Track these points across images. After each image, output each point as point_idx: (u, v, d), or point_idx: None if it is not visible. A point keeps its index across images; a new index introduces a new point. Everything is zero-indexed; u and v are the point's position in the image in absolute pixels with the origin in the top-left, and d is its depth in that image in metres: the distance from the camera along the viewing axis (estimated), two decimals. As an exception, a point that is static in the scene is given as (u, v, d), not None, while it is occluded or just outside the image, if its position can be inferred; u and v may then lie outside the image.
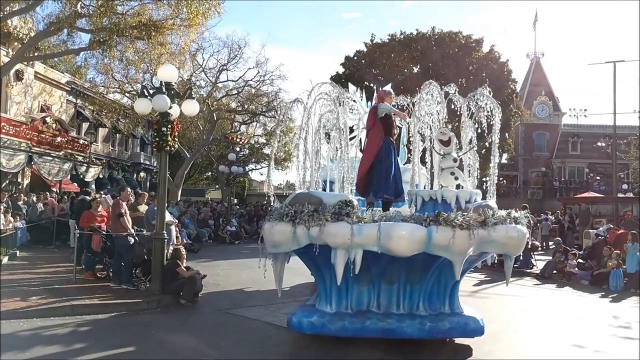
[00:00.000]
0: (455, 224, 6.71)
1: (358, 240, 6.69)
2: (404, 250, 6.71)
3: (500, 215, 7.18)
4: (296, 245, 7.05)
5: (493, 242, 7.01)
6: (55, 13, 18.73)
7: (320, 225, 6.78)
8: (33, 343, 7.17)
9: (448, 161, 8.27)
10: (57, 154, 26.52)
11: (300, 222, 6.92)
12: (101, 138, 35.02)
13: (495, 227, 6.95)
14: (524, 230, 7.31)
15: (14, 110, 24.40)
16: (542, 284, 14.62)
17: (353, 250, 6.73)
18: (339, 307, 7.47)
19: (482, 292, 12.91)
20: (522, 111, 42.95)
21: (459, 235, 6.69)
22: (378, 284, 7.42)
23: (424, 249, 6.76)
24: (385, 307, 7.47)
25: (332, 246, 6.82)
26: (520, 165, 54.31)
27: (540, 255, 18.63)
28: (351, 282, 7.32)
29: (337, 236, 6.73)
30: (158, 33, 17.76)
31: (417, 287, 7.41)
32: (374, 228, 6.71)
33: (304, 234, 6.91)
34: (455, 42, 36.91)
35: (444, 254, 6.79)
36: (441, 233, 6.70)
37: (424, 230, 6.73)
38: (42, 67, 27.03)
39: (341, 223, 6.77)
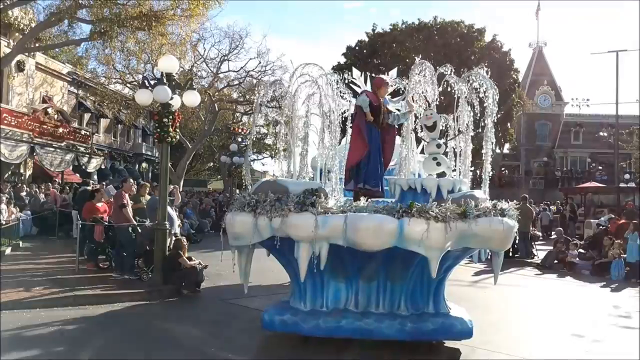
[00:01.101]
0: (430, 216, 6.17)
1: (323, 233, 6.19)
2: (371, 244, 6.24)
3: (485, 207, 6.56)
4: (258, 237, 6.57)
5: (475, 236, 6.39)
6: (55, 4, 18.72)
7: (282, 216, 6.30)
8: (36, 333, 7.22)
9: (432, 147, 7.72)
10: (59, 145, 26.58)
11: (262, 213, 6.43)
12: (103, 129, 35.03)
13: (477, 220, 6.33)
14: (511, 224, 6.63)
15: (15, 101, 24.41)
16: (543, 274, 14.66)
17: (317, 244, 6.23)
18: (314, 304, 7.01)
19: (481, 282, 12.95)
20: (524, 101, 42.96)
21: (434, 228, 6.14)
22: (356, 281, 6.94)
23: (395, 243, 6.23)
24: (363, 305, 6.98)
25: (294, 239, 6.34)
26: (523, 155, 54.27)
27: (540, 245, 18.67)
28: (327, 278, 6.91)
29: (300, 228, 6.24)
30: (159, 23, 17.73)
31: (398, 285, 6.91)
32: (340, 220, 6.21)
33: (266, 225, 6.43)
34: (458, 32, 36.83)
35: (417, 248, 6.21)
36: (414, 225, 6.16)
37: (395, 223, 6.20)
38: (43, 57, 27.01)
39: (305, 214, 6.27)
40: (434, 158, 7.60)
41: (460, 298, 10.35)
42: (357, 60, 36.82)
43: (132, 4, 18.01)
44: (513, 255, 17.35)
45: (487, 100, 8.04)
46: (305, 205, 6.33)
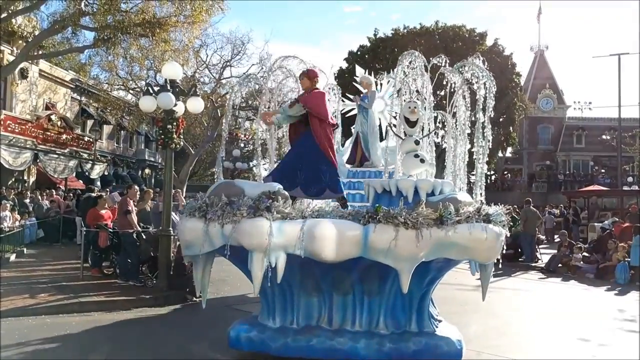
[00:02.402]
0: (399, 222, 5.44)
1: (278, 241, 5.42)
2: (330, 255, 5.48)
3: (466, 211, 5.75)
4: (209, 246, 5.82)
5: (453, 245, 5.63)
6: (59, 11, 18.78)
7: (234, 221, 5.56)
8: (42, 340, 7.24)
9: (409, 144, 6.89)
10: (62, 152, 26.63)
11: (213, 218, 5.71)
12: (106, 135, 35.13)
13: (455, 227, 5.59)
14: (497, 231, 5.79)
15: (19, 108, 24.51)
16: (547, 278, 14.64)
17: (273, 254, 5.44)
18: (284, 321, 6.33)
19: (487, 286, 12.92)
20: (526, 104, 42.87)
21: (404, 236, 5.42)
22: (329, 295, 6.21)
23: (360, 253, 5.53)
24: (338, 322, 6.25)
25: (247, 248, 5.54)
26: (525, 158, 54.18)
27: (544, 249, 18.65)
28: (297, 292, 6.22)
29: (252, 235, 5.45)
30: (162, 30, 17.80)
31: (376, 300, 6.14)
32: (297, 226, 5.48)
33: (218, 232, 5.69)
34: (459, 36, 36.84)
35: (385, 259, 5.49)
36: (379, 233, 5.45)
37: (359, 230, 5.51)
38: (46, 65, 27.11)
39: (258, 219, 5.50)
40: (416, 155, 6.71)
41: (464, 302, 10.38)
42: (359, 65, 36.81)
43: (135, 11, 18.10)
44: (517, 259, 17.37)
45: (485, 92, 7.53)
46: (259, 209, 5.55)
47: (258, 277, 5.51)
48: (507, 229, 6.17)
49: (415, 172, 6.73)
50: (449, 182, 6.95)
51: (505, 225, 6.10)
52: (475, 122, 7.91)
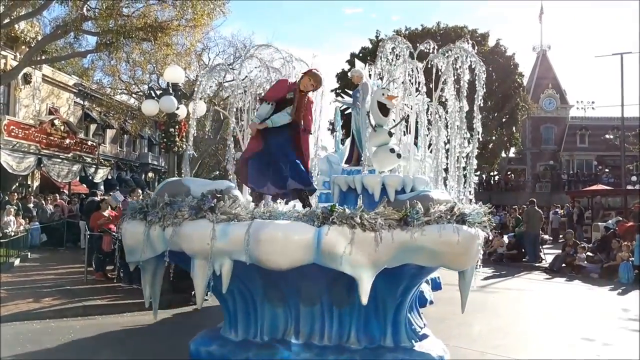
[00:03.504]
0: (355, 223, 4.77)
1: (222, 246, 4.86)
2: (278, 261, 4.84)
3: (437, 211, 5.05)
4: (151, 251, 5.28)
5: (420, 249, 4.92)
6: (61, 16, 18.85)
7: (175, 224, 5.03)
8: (46, 344, 7.26)
9: (382, 135, 6.08)
10: (65, 156, 26.70)
11: (154, 221, 5.17)
12: (109, 139, 35.22)
13: (423, 228, 4.90)
14: (472, 233, 5.06)
15: (22, 113, 24.60)
16: (552, 278, 14.61)
17: (217, 260, 4.90)
18: (246, 334, 5.73)
19: (490, 287, 12.93)
20: (529, 105, 42.84)
21: (361, 239, 4.76)
22: (295, 305, 5.55)
23: (314, 259, 4.85)
24: (306, 335, 5.58)
25: (187, 253, 5.03)
26: (528, 158, 54.11)
27: (548, 249, 18.62)
28: (260, 302, 5.61)
29: (193, 240, 4.93)
30: (164, 34, 17.85)
31: (347, 310, 5.47)
32: (242, 229, 4.86)
33: (159, 236, 5.15)
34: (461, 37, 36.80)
35: (340, 266, 4.79)
36: (333, 236, 4.77)
37: (310, 233, 4.83)
38: (49, 70, 27.20)
39: (200, 221, 4.97)
40: (392, 149, 5.95)
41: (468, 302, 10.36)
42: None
43: (137, 15, 18.16)
44: (521, 259, 17.36)
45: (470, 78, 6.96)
46: (201, 210, 5.01)
47: (200, 287, 4.97)
48: (488, 230, 5.48)
49: (390, 168, 6.02)
50: (422, 178, 6.29)
51: (487, 227, 5.40)
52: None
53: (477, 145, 7.13)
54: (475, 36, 37.46)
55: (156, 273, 5.73)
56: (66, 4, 17.51)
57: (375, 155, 6.17)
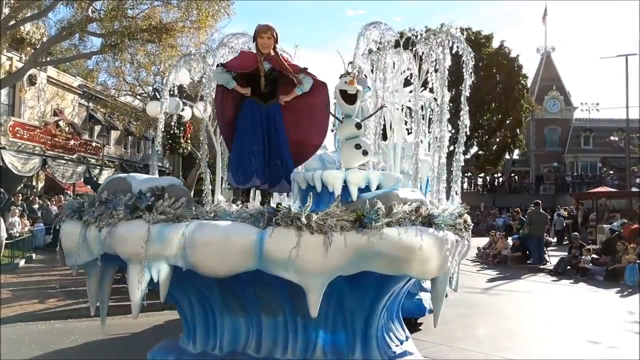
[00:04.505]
0: (302, 224, 4.19)
1: (156, 249, 4.36)
2: (215, 267, 4.35)
3: (399, 212, 4.41)
4: (88, 254, 4.80)
5: (378, 254, 4.29)
6: (67, 18, 18.89)
7: (110, 224, 4.55)
8: (51, 345, 7.28)
9: (349, 127, 5.33)
10: (70, 157, 26.80)
11: (90, 221, 4.71)
12: (113, 140, 35.27)
13: (382, 231, 4.26)
14: (438, 237, 4.42)
15: (27, 114, 24.69)
16: (557, 280, 14.58)
17: (154, 265, 4.40)
18: (205, 345, 5.24)
19: (494, 289, 12.91)
20: (533, 106, 42.82)
21: (308, 242, 4.19)
22: (257, 316, 5.06)
23: (257, 265, 4.32)
24: (268, 348, 5.04)
25: (122, 257, 4.58)
26: (532, 160, 53.98)
27: (553, 251, 18.60)
28: (220, 312, 5.14)
29: (127, 242, 4.46)
30: (168, 35, 17.89)
31: (312, 322, 4.84)
32: (178, 231, 4.38)
33: (96, 238, 4.67)
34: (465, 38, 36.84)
35: (286, 273, 4.26)
36: (277, 239, 4.23)
37: (252, 235, 4.30)
38: (54, 71, 27.29)
39: (135, 222, 4.48)
40: (358, 145, 5.24)
41: (473, 305, 10.36)
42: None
43: (142, 17, 18.21)
44: (525, 261, 17.33)
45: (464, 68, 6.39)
46: (137, 209, 4.52)
47: (135, 295, 4.47)
48: (466, 234, 4.98)
49: (356, 166, 5.35)
50: (391, 174, 5.63)
51: (462, 230, 4.87)
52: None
53: (464, 140, 6.56)
54: (479, 38, 37.53)
55: (103, 278, 5.23)
56: (71, 6, 17.59)
57: (341, 151, 5.40)
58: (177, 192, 4.76)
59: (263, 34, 5.58)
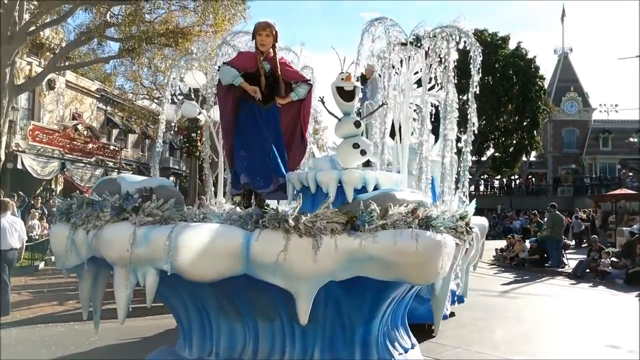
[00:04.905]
0: (289, 226, 4.00)
1: (142, 253, 4.16)
2: (200, 272, 4.15)
3: (395, 214, 4.19)
4: (76, 258, 4.61)
5: (371, 259, 4.08)
6: (85, 23, 19.20)
7: (97, 227, 4.37)
8: (71, 347, 7.36)
9: (346, 125, 5.15)
10: (88, 161, 27.14)
11: (78, 223, 4.51)
12: (131, 144, 35.63)
13: (375, 234, 4.07)
14: (436, 240, 4.14)
15: (46, 118, 25.05)
16: (576, 283, 14.42)
17: (140, 269, 4.21)
18: (202, 351, 5.06)
19: (512, 292, 12.81)
20: (550, 108, 42.40)
21: (296, 246, 4.01)
22: (253, 321, 4.84)
23: (243, 270, 4.13)
24: (265, 353, 4.84)
25: (108, 261, 4.39)
26: (550, 162, 53.54)
27: (572, 254, 18.41)
28: (216, 316, 4.94)
29: (112, 245, 4.26)
30: (185, 40, 18.05)
31: (310, 328, 4.61)
32: (164, 233, 4.14)
33: (84, 240, 4.46)
34: (481, 40, 36.56)
35: (273, 278, 4.09)
36: (264, 242, 4.05)
37: (239, 238, 4.10)
38: (73, 75, 27.65)
39: (121, 224, 4.30)
40: (356, 144, 5.03)
41: (490, 308, 10.30)
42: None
43: (159, 21, 18.39)
44: (543, 264, 17.18)
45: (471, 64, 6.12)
46: (123, 211, 4.35)
47: (121, 300, 4.33)
48: (466, 237, 4.65)
49: (354, 166, 5.15)
50: (390, 174, 5.37)
51: (463, 233, 4.56)
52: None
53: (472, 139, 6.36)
54: (495, 39, 37.22)
55: (96, 281, 5.05)
56: (90, 11, 17.82)
57: (339, 149, 5.23)
58: (167, 194, 4.55)
59: (262, 31, 5.48)
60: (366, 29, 6.41)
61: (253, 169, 5.44)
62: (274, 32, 5.54)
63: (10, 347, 7.17)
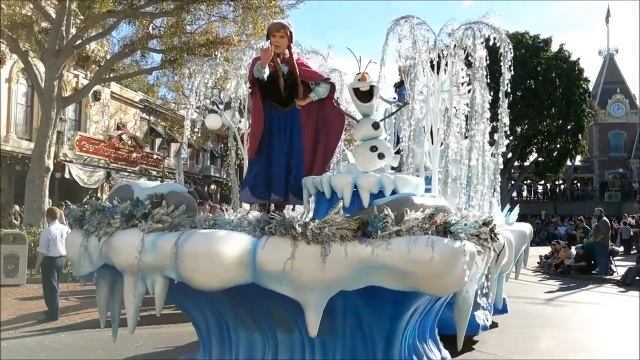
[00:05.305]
0: (296, 234, 3.77)
1: (150, 260, 4.02)
2: (205, 280, 3.93)
3: (411, 219, 3.94)
4: (89, 265, 4.48)
5: (384, 267, 3.84)
6: (129, 36, 19.79)
7: (108, 234, 4.27)
8: (117, 352, 7.50)
9: (363, 128, 4.94)
10: (132, 169, 27.81)
11: (91, 230, 4.41)
12: (173, 152, 36.31)
13: (389, 241, 3.81)
14: (454, 248, 3.87)
15: (92, 129, 25.84)
16: (625, 291, 13.96)
17: (148, 276, 4.09)
18: None
19: (558, 300, 12.48)
20: (595, 111, 41.34)
21: (304, 253, 3.77)
22: (271, 332, 4.63)
23: (251, 279, 3.91)
24: None
25: (117, 268, 4.28)
26: (596, 167, 52.12)
27: (620, 261, 17.85)
28: (234, 327, 4.78)
29: (121, 252, 4.14)
30: (225, 50, 18.34)
31: (330, 340, 4.47)
32: (170, 240, 3.99)
33: (97, 247, 4.37)
34: (522, 43, 35.98)
35: (280, 287, 3.87)
36: (271, 250, 3.83)
37: (246, 245, 3.88)
38: (117, 87, 28.42)
39: (130, 231, 4.18)
40: (373, 147, 4.81)
41: (535, 315, 10.06)
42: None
43: (200, 32, 18.74)
44: (590, 271, 16.71)
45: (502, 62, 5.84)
46: (133, 217, 4.22)
47: (130, 308, 4.20)
48: (490, 245, 4.34)
49: (372, 169, 4.90)
50: (408, 177, 5.08)
51: (488, 240, 4.26)
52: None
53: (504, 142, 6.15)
54: (537, 42, 36.55)
55: (114, 289, 4.84)
56: (133, 24, 18.30)
57: (356, 153, 5.06)
58: (177, 200, 4.40)
59: (275, 33, 5.33)
60: (391, 28, 6.21)
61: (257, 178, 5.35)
62: (289, 33, 5.39)
63: (59, 352, 7.38)
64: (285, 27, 5.39)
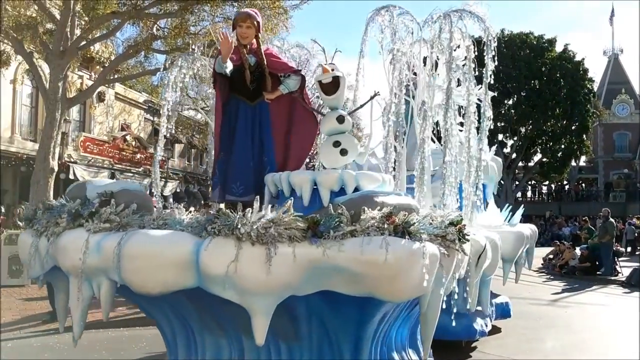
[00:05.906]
0: (240, 234, 3.43)
1: (94, 262, 3.72)
2: (145, 283, 3.66)
3: (368, 219, 3.54)
4: (40, 267, 4.16)
5: (337, 270, 3.48)
6: (133, 37, 19.76)
7: (55, 234, 3.97)
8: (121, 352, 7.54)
9: (328, 122, 4.62)
10: (136, 170, 27.88)
11: (40, 230, 4.12)
12: (177, 153, 36.38)
13: (342, 242, 3.45)
14: (411, 249, 3.44)
15: (97, 130, 25.92)
16: (630, 292, 13.92)
17: (94, 279, 3.80)
18: None
19: (562, 301, 12.46)
20: (600, 111, 41.24)
21: (248, 255, 3.41)
22: (237, 337, 4.33)
23: (196, 282, 3.59)
24: None
25: (63, 270, 3.97)
26: (600, 167, 51.96)
27: (624, 262, 17.80)
28: (199, 331, 4.54)
29: (66, 253, 3.85)
30: (229, 49, 18.37)
31: (296, 346, 4.23)
32: (114, 241, 3.71)
33: (46, 248, 4.09)
34: (527, 44, 35.93)
35: (224, 292, 3.50)
36: (214, 251, 3.47)
37: (189, 246, 3.55)
38: (121, 88, 28.49)
39: (76, 231, 3.89)
40: (336, 142, 4.51)
41: (539, 317, 10.04)
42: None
43: (204, 33, 18.75)
44: (595, 272, 16.67)
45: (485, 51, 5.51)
46: (79, 217, 3.94)
47: (76, 312, 3.94)
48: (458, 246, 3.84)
49: (336, 166, 4.59)
50: (372, 174, 4.69)
51: (455, 241, 3.78)
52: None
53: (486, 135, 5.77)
54: (541, 42, 36.50)
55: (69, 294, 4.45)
56: (137, 25, 18.33)
57: (320, 149, 4.77)
58: (129, 198, 4.08)
59: (242, 23, 5.06)
60: (371, 18, 5.85)
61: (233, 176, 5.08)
62: (256, 23, 5.12)
63: (63, 351, 7.41)
64: (251, 16, 5.13)
